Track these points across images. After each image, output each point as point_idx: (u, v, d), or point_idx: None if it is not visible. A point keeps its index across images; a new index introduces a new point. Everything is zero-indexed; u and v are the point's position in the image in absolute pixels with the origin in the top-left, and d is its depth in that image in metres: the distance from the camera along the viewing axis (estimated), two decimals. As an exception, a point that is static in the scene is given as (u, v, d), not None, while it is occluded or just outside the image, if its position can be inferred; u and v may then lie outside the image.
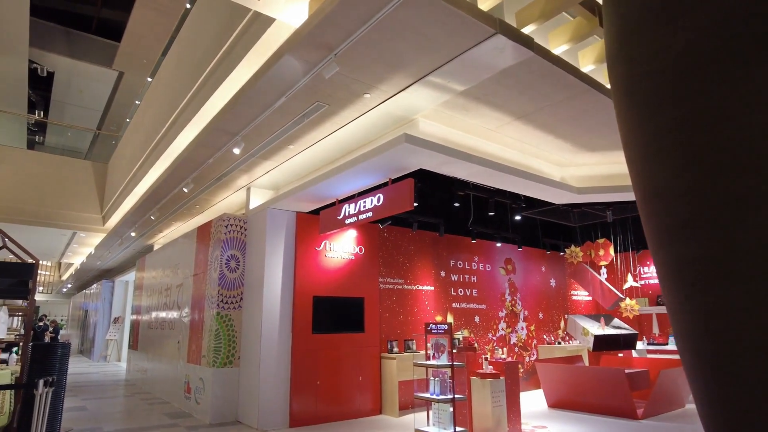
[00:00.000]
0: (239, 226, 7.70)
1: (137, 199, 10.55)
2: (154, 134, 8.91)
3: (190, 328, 8.30)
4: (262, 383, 6.76)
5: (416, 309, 8.65)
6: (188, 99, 7.03)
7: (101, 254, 15.43)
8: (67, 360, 4.85)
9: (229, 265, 7.51)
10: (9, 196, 12.61)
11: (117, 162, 13.45)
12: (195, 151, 6.34)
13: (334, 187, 6.44)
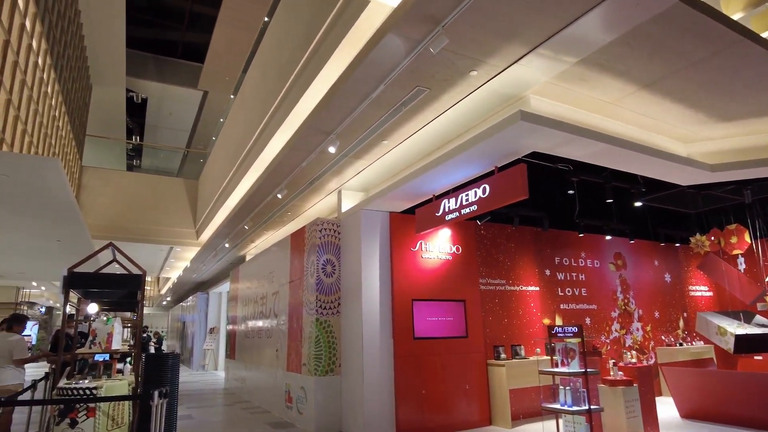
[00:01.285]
0: (333, 230, 7.50)
1: (229, 211, 10.76)
2: (242, 146, 8.99)
3: (288, 335, 8.21)
4: (366, 392, 6.46)
5: (521, 312, 8.01)
6: (276, 105, 6.93)
7: (196, 267, 16.08)
8: (178, 370, 4.78)
9: (326, 269, 7.31)
10: (112, 215, 13.41)
11: (207, 177, 13.93)
12: (289, 155, 6.19)
13: (431, 181, 6.03)
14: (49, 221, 7.33)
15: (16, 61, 6.71)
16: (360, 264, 6.79)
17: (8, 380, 6.08)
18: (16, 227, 7.85)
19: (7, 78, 6.37)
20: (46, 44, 8.37)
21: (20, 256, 10.82)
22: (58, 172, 5.05)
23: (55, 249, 9.88)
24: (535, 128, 4.49)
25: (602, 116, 5.35)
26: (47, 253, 10.35)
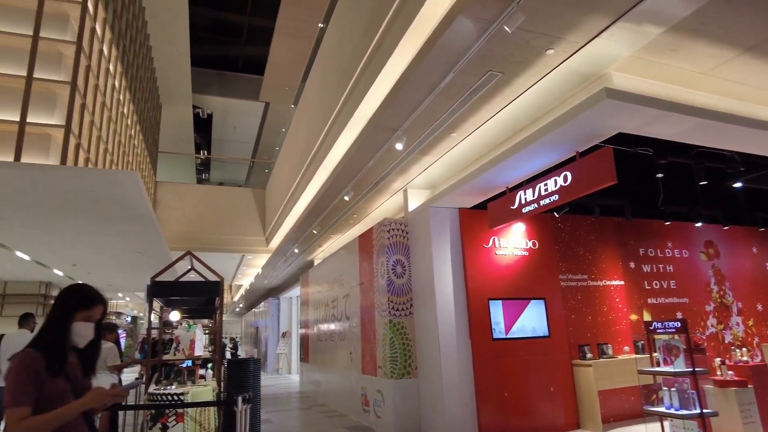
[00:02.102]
0: (401, 229, 7.35)
1: (297, 217, 10.90)
2: (307, 152, 9.05)
3: (362, 338, 8.14)
4: (445, 395, 6.25)
5: (606, 308, 7.49)
6: (339, 108, 6.88)
7: (267, 273, 16.49)
8: (259, 375, 4.79)
9: (396, 270, 7.18)
10: (186, 227, 14.00)
11: (273, 186, 14.24)
12: (355, 156, 6.12)
13: (504, 173, 5.74)
14: (131, 234, 7.69)
15: (96, 85, 7.09)
16: (431, 263, 6.60)
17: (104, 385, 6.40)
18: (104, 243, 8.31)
19: (90, 100, 6.73)
20: (121, 67, 8.83)
21: (108, 270, 11.50)
22: (137, 185, 5.24)
23: (136, 261, 10.40)
24: (622, 106, 4.12)
25: (694, 90, 4.86)
26: (130, 265, 10.93)
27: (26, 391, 1.80)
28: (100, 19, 7.17)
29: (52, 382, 1.87)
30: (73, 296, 2.04)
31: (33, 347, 1.92)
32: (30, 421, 1.78)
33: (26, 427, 1.77)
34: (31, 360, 1.86)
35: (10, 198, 5.79)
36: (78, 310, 2.00)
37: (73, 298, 2.03)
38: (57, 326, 1.97)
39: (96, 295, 2.09)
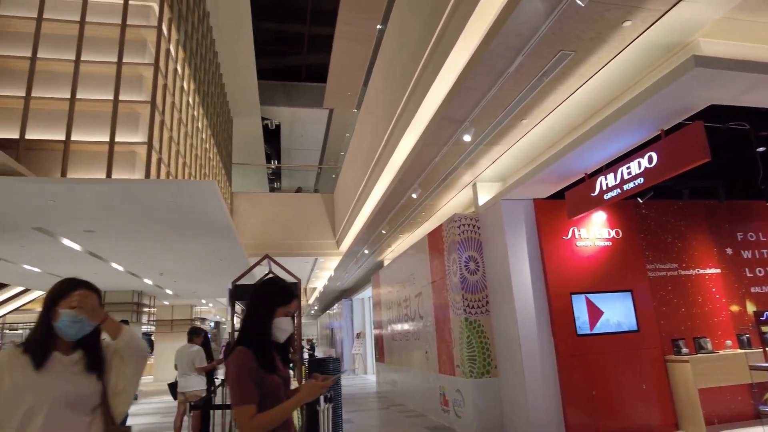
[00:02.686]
0: (472, 225, 7.17)
1: (365, 218, 10.99)
2: (372, 154, 9.09)
3: (437, 337, 8.03)
4: (529, 394, 6.00)
5: (701, 299, 6.90)
6: (402, 105, 6.83)
7: (339, 275, 16.78)
8: (339, 374, 4.81)
9: (469, 267, 7.01)
10: (261, 234, 14.52)
11: (341, 190, 14.46)
12: (421, 152, 6.04)
13: (582, 158, 5.43)
14: (212, 242, 8.06)
15: (173, 102, 7.51)
16: (507, 258, 6.37)
17: (194, 386, 6.74)
18: (188, 252, 8.78)
19: (168, 117, 7.14)
20: (194, 84, 9.30)
21: (192, 278, 12.17)
22: (215, 193, 5.46)
23: (218, 268, 10.92)
24: (715, 75, 3.75)
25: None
26: (212, 272, 11.49)
27: (249, 389, 1.83)
28: (174, 41, 7.58)
29: (267, 377, 1.91)
30: (273, 293, 2.06)
31: (242, 345, 1.94)
32: (260, 418, 1.83)
33: (258, 424, 1.82)
34: (247, 358, 1.89)
35: (104, 212, 6.24)
36: (278, 306, 2.02)
37: (273, 295, 2.05)
38: (262, 323, 1.99)
39: (292, 291, 2.10)
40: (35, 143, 6.02)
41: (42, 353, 1.81)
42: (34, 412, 1.72)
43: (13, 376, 1.75)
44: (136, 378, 1.98)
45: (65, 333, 1.86)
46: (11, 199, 5.57)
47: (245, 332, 2.00)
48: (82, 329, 1.87)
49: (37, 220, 6.53)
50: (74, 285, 1.93)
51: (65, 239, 7.58)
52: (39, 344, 1.83)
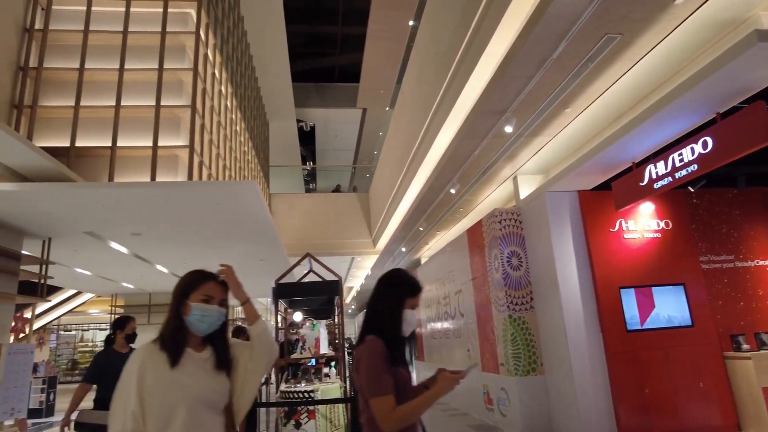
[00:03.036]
0: (513, 219, 7.01)
1: (401, 216, 10.94)
2: (408, 151, 9.04)
3: (479, 335, 7.90)
4: (578, 392, 5.81)
5: (761, 292, 6.52)
6: (439, 100, 6.74)
7: (376, 274, 16.79)
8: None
9: (511, 262, 6.85)
10: (299, 234, 14.68)
11: (376, 188, 14.47)
12: (460, 146, 5.94)
13: (629, 146, 5.22)
14: (253, 243, 8.17)
15: (212, 106, 7.65)
16: (552, 253, 6.20)
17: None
18: (229, 252, 8.94)
19: (207, 121, 7.28)
20: (231, 88, 9.47)
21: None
22: (256, 193, 5.52)
23: (258, 268, 11.08)
24: (779, 50, 3.51)
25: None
26: (253, 272, 11.67)
27: (385, 379, 1.75)
28: (211, 45, 7.73)
29: (398, 371, 1.83)
30: (402, 284, 1.95)
31: (374, 335, 1.85)
32: (402, 411, 1.75)
33: (399, 417, 1.75)
34: (380, 347, 1.80)
35: (149, 215, 6.41)
36: (407, 298, 1.92)
37: (401, 286, 1.94)
38: (394, 315, 1.89)
39: (418, 283, 2.01)
40: (84, 150, 6.24)
41: (176, 350, 1.74)
42: (174, 410, 1.66)
43: (155, 373, 1.70)
44: (260, 378, 1.91)
45: (196, 328, 1.77)
46: (65, 205, 5.78)
47: (374, 322, 1.91)
48: (212, 323, 1.79)
49: (88, 225, 6.77)
50: (204, 277, 1.83)
51: (113, 242, 7.84)
52: (173, 340, 1.75)
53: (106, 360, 4.18)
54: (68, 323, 24.16)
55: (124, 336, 4.34)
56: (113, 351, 4.27)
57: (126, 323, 4.41)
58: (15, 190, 5.18)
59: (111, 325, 4.43)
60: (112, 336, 4.39)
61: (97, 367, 4.16)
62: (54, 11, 6.82)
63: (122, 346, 4.34)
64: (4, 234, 6.41)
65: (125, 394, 1.69)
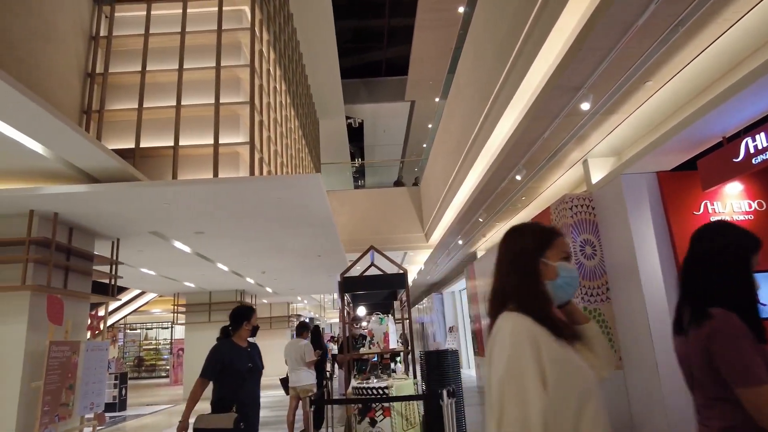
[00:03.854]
0: (585, 205, 6.61)
1: (456, 208, 10.66)
2: (464, 140, 8.75)
3: (548, 329, 7.53)
4: (664, 389, 5.38)
5: None
6: (500, 84, 6.43)
7: (429, 269, 16.57)
8: (459, 367, 4.56)
9: (584, 251, 6.46)
10: (352, 230, 14.64)
11: (428, 182, 14.23)
12: (528, 128, 5.62)
13: (719, 120, 4.74)
14: (312, 238, 8.14)
15: (268, 102, 7.65)
16: (630, 239, 5.77)
17: (304, 381, 6.82)
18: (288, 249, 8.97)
19: (265, 117, 7.27)
20: (285, 85, 9.48)
21: (291, 275, 12.50)
22: (319, 187, 5.43)
23: (316, 265, 11.10)
24: None
25: None
26: (310, 269, 11.72)
27: (758, 362, 1.43)
28: (265, 42, 7.72)
29: (762, 348, 1.49)
30: (744, 236, 1.63)
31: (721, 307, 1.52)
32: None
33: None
34: (740, 324, 1.49)
35: (212, 213, 6.46)
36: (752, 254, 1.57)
37: (745, 238, 1.61)
38: (742, 277, 1.56)
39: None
40: (148, 151, 6.36)
41: (555, 323, 1.36)
42: (586, 398, 1.33)
43: (551, 354, 1.30)
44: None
45: (561, 294, 1.44)
46: (132, 204, 5.90)
47: (713, 290, 1.58)
48: (576, 288, 1.47)
49: (154, 224, 6.92)
50: (557, 232, 1.53)
51: (177, 242, 8.00)
52: (545, 311, 1.37)
53: (228, 354, 3.74)
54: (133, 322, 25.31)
55: (250, 328, 3.90)
56: (234, 345, 3.82)
57: (252, 313, 3.97)
58: (87, 191, 5.31)
59: (232, 315, 3.94)
60: (232, 328, 3.92)
61: (218, 362, 3.70)
62: (117, 18, 6.99)
63: (243, 339, 3.88)
64: (79, 236, 6.63)
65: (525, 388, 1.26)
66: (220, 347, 3.81)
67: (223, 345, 3.82)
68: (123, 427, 9.57)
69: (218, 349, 3.79)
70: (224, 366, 3.68)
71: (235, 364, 3.69)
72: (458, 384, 4.42)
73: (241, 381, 3.66)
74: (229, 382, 3.63)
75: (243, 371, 3.70)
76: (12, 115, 4.19)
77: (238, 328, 3.87)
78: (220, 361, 3.70)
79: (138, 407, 12.36)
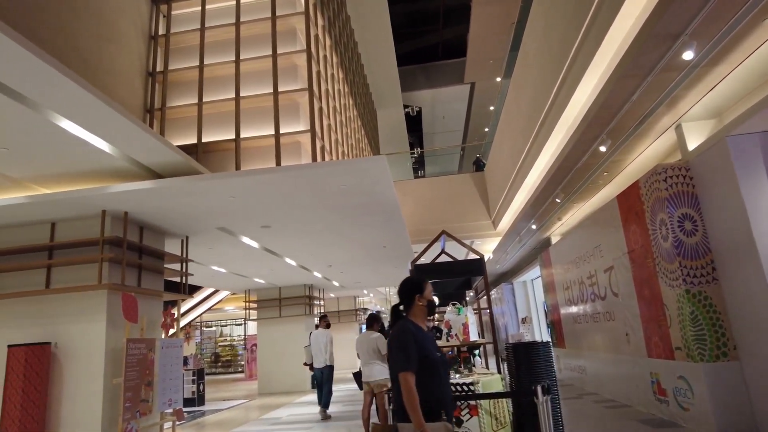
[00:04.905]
0: (681, 176, 5.85)
1: (527, 191, 10.01)
2: (535, 115, 8.12)
3: (641, 315, 6.82)
4: (796, 382, 4.61)
5: None
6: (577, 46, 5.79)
7: (498, 257, 15.90)
8: (552, 360, 4.08)
9: (683, 227, 5.72)
10: (415, 220, 14.27)
11: (494, 166, 13.58)
12: (616, 88, 4.99)
13: None
14: (378, 227, 7.85)
15: (327, 89, 7.41)
16: (743, 210, 5.00)
17: (378, 375, 6.52)
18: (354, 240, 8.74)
19: (324, 105, 7.03)
20: (342, 73, 9.23)
21: (357, 267, 12.33)
22: (385, 169, 5.10)
23: (381, 256, 10.84)
24: None
25: None
26: (375, 261, 11.48)
27: None
28: (320, 27, 7.48)
29: None
30: None
31: None
32: None
33: None
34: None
35: (278, 204, 6.30)
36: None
37: None
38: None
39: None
40: (210, 145, 6.29)
41: None
42: None
43: None
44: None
45: None
46: (197, 199, 5.84)
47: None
48: None
49: (220, 220, 6.88)
50: None
51: (245, 237, 7.97)
52: None
53: (422, 339, 2.71)
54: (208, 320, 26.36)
55: (425, 303, 2.86)
56: (416, 326, 2.79)
57: (424, 283, 2.92)
58: (154, 187, 5.28)
59: (402, 291, 2.91)
60: (404, 306, 2.89)
61: (415, 349, 2.64)
62: (173, 16, 6.99)
63: (422, 320, 2.86)
64: (149, 235, 6.69)
65: None
66: (408, 327, 2.75)
67: (408, 329, 2.75)
68: (202, 422, 9.78)
69: (408, 330, 2.73)
70: (420, 355, 2.66)
71: (429, 352, 2.70)
72: (552, 379, 3.94)
73: (438, 376, 2.71)
74: (427, 377, 2.67)
75: (437, 362, 2.73)
76: (80, 114, 4.18)
77: (411, 304, 2.86)
78: (416, 349, 2.65)
79: (216, 402, 12.69)
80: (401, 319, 2.85)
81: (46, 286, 5.83)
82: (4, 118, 4.10)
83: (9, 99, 3.80)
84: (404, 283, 2.95)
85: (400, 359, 2.62)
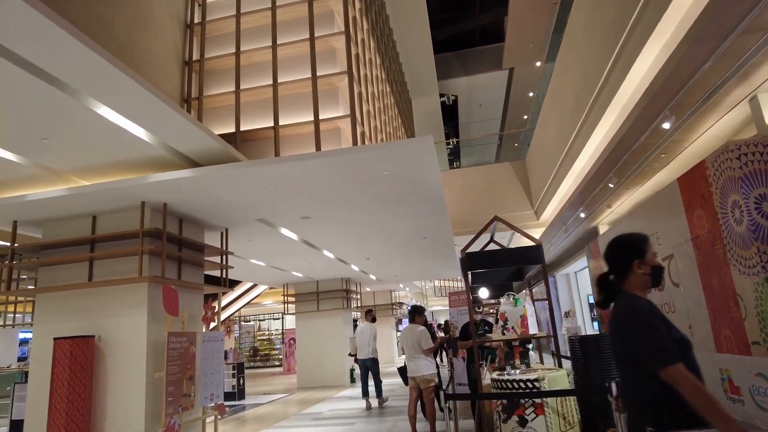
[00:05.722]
0: (759, 152, 5.30)
1: (575, 178, 9.51)
2: (586, 94, 7.63)
3: (708, 307, 6.29)
4: None
5: None
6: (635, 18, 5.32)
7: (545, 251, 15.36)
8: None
9: (761, 209, 5.18)
10: (454, 211, 13.88)
11: (536, 154, 13.06)
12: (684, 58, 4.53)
13: None
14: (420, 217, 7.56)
15: (365, 74, 7.15)
16: (835, 187, 4.47)
17: (424, 370, 6.25)
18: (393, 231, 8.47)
19: (363, 90, 6.77)
20: (379, 58, 8.94)
21: (395, 260, 12.08)
22: (431, 150, 4.79)
23: (420, 248, 10.53)
24: None
25: None
26: (414, 253, 11.19)
27: None
28: (357, 9, 7.22)
29: None
30: None
31: None
32: None
33: None
34: None
35: (317, 194, 6.09)
36: None
37: None
38: None
39: None
40: (249, 134, 6.13)
41: None
42: None
43: None
44: None
45: None
46: (237, 189, 5.68)
47: None
48: None
49: (260, 211, 6.72)
50: None
51: (284, 229, 7.82)
52: None
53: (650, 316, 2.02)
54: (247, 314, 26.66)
55: (647, 272, 2.14)
56: (648, 302, 2.08)
57: (646, 246, 2.17)
58: (193, 176, 5.14)
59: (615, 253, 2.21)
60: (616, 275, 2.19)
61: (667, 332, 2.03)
62: (209, 3, 6.86)
63: (644, 293, 2.15)
64: (189, 227, 6.60)
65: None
66: (643, 305, 2.06)
67: (642, 302, 2.09)
68: (243, 417, 9.74)
69: (653, 312, 2.07)
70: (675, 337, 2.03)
71: (681, 333, 2.09)
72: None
73: (692, 363, 2.03)
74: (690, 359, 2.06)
75: (690, 345, 2.14)
76: (119, 100, 4.06)
77: (627, 272, 2.14)
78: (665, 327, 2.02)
79: (255, 396, 12.70)
80: (618, 293, 2.14)
81: (88, 279, 5.80)
82: (45, 107, 4.02)
83: (50, 86, 3.70)
84: (616, 245, 2.18)
85: (657, 348, 1.94)
